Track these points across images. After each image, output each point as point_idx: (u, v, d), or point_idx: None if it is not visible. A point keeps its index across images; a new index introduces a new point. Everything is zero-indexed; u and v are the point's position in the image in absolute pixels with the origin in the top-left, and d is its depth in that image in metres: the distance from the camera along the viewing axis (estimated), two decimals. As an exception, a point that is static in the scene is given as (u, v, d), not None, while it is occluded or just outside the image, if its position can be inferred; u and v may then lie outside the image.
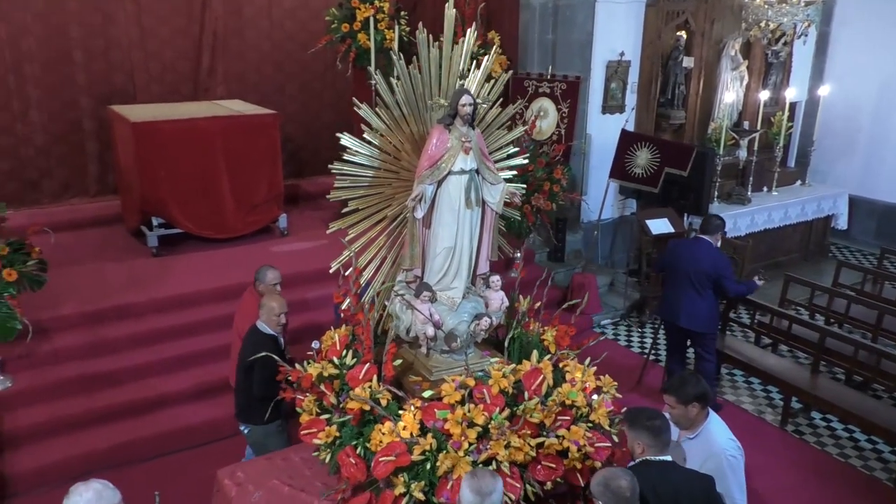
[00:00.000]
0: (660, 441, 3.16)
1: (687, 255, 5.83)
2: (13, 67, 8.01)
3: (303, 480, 3.90)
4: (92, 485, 2.81)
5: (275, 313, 4.50)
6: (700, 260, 5.70)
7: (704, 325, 5.78)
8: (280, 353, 4.40)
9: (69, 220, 7.93)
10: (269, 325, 4.51)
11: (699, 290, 5.70)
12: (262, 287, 4.94)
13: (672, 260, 5.97)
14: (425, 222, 4.17)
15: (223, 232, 7.60)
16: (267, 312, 4.53)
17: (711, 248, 5.73)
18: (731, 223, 8.60)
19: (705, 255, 5.71)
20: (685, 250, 5.94)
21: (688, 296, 5.74)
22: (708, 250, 5.72)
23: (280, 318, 4.51)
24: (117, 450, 5.20)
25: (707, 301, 5.74)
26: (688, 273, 5.72)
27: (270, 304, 4.53)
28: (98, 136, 8.59)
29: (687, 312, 5.76)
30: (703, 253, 5.72)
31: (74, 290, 6.20)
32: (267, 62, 9.68)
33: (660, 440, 3.16)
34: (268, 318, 4.51)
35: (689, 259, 5.77)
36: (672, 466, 3.17)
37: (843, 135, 10.36)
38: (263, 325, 4.53)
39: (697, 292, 5.70)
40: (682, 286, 5.78)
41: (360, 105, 4.24)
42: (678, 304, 5.81)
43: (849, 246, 10.60)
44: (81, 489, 2.79)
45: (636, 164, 7.78)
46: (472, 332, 4.20)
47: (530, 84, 8.22)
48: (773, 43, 9.27)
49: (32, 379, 5.43)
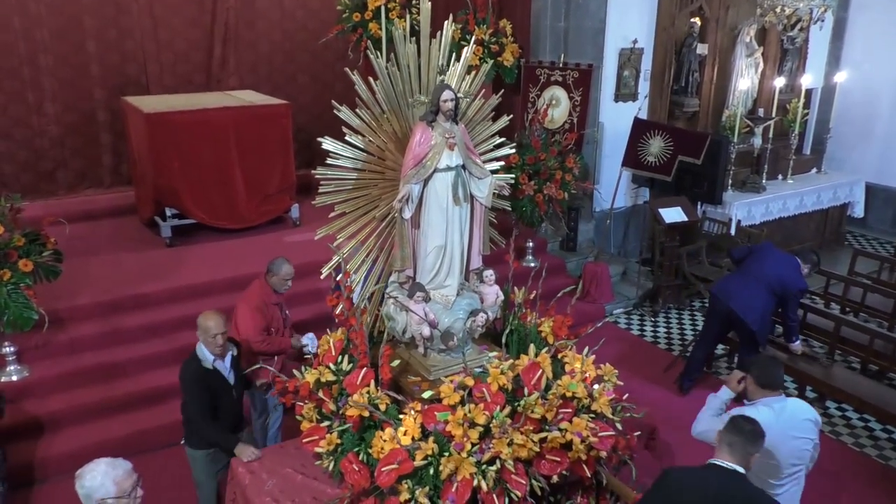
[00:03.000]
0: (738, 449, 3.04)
1: (772, 257, 5.80)
2: (28, 59, 8.07)
3: (316, 469, 3.92)
4: (100, 461, 2.85)
5: (210, 334, 3.98)
6: (784, 268, 5.66)
7: (755, 320, 5.65)
8: (222, 384, 4.10)
9: (84, 210, 8.01)
10: (207, 347, 4.04)
11: (766, 290, 5.62)
12: (275, 279, 4.84)
13: (758, 257, 5.91)
14: (414, 222, 4.12)
15: (236, 222, 7.64)
16: (202, 333, 4.02)
17: (800, 268, 5.69)
18: (745, 212, 8.55)
19: (793, 271, 5.66)
20: (775, 252, 5.93)
21: (752, 290, 5.67)
22: (796, 267, 5.69)
23: (217, 340, 3.99)
24: (133, 438, 5.26)
25: (766, 301, 5.65)
26: (764, 270, 5.67)
27: (206, 324, 4.00)
28: (112, 128, 8.65)
29: (744, 300, 5.67)
30: (792, 269, 5.68)
31: (89, 281, 6.27)
32: (279, 52, 9.70)
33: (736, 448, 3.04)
34: (204, 340, 4.03)
35: (774, 261, 5.74)
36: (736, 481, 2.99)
37: (860, 122, 10.23)
38: (202, 349, 4.06)
39: (765, 291, 5.62)
40: (748, 278, 5.74)
41: (339, 107, 4.15)
42: (739, 291, 5.73)
43: (865, 234, 10.50)
44: (91, 466, 2.83)
45: (649, 152, 7.73)
46: (469, 329, 4.16)
47: (542, 72, 8.17)
48: (789, 29, 9.14)
49: (49, 368, 5.50)
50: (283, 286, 4.83)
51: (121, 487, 2.82)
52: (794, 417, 3.58)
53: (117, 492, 2.81)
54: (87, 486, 2.79)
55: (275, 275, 4.85)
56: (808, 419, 3.61)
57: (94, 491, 2.78)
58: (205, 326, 4.00)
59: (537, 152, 7.23)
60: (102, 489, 2.79)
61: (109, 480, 2.80)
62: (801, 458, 3.61)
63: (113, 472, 2.82)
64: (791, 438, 3.54)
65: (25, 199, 5.93)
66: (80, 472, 2.83)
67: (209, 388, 4.06)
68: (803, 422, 3.59)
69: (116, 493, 2.81)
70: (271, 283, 4.84)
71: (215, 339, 3.99)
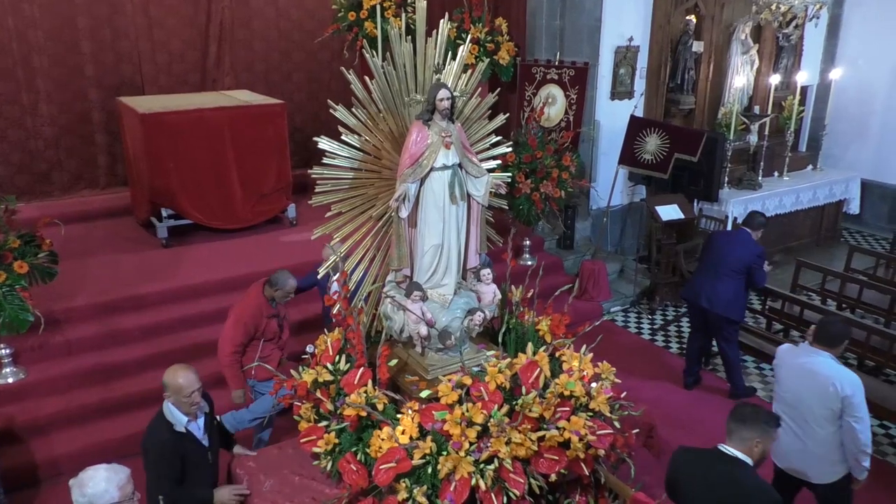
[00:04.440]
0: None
1: (724, 242, 6.02)
2: (21, 60, 8.03)
3: (313, 469, 3.92)
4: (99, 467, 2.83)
5: (184, 394, 3.41)
6: (738, 247, 5.84)
7: (724, 309, 5.83)
8: (196, 448, 3.56)
9: (79, 211, 7.98)
10: (180, 408, 3.46)
11: (729, 275, 5.79)
12: (277, 292, 4.78)
13: (710, 245, 6.12)
14: (411, 221, 4.12)
15: (232, 222, 7.63)
16: (174, 394, 3.42)
17: (750, 238, 5.87)
18: (741, 209, 8.55)
19: (744, 243, 5.84)
20: (724, 237, 6.26)
21: (711, 281, 5.87)
22: (747, 239, 5.86)
23: (193, 398, 3.44)
24: (131, 440, 5.19)
25: (733, 286, 5.82)
26: (722, 258, 5.86)
27: (177, 383, 3.38)
28: (107, 128, 8.62)
29: (707, 295, 5.87)
30: (742, 241, 5.86)
31: (86, 282, 6.25)
32: (274, 52, 9.67)
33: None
34: (177, 401, 3.45)
35: (727, 245, 5.94)
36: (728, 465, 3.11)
37: (856, 119, 10.25)
38: (173, 411, 3.47)
39: (727, 277, 5.79)
40: (710, 271, 5.92)
41: (335, 106, 4.14)
42: (701, 287, 5.93)
43: (861, 230, 10.52)
44: (91, 473, 2.81)
45: (645, 150, 7.73)
46: (467, 328, 4.16)
47: (538, 71, 8.16)
48: (784, 26, 9.16)
49: (45, 370, 5.48)
50: (283, 299, 4.81)
51: (124, 492, 2.81)
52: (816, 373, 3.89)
53: (121, 496, 2.80)
54: (90, 493, 2.77)
55: (278, 289, 4.80)
56: (832, 382, 3.84)
57: (98, 497, 2.77)
58: (175, 386, 3.40)
59: (534, 150, 7.23)
60: (107, 495, 2.77)
61: (113, 486, 2.79)
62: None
63: (115, 477, 2.81)
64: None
65: (21, 200, 5.91)
66: (79, 480, 2.80)
67: (182, 456, 3.48)
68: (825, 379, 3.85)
69: (120, 497, 2.79)
70: (271, 295, 4.81)
71: (191, 397, 3.43)
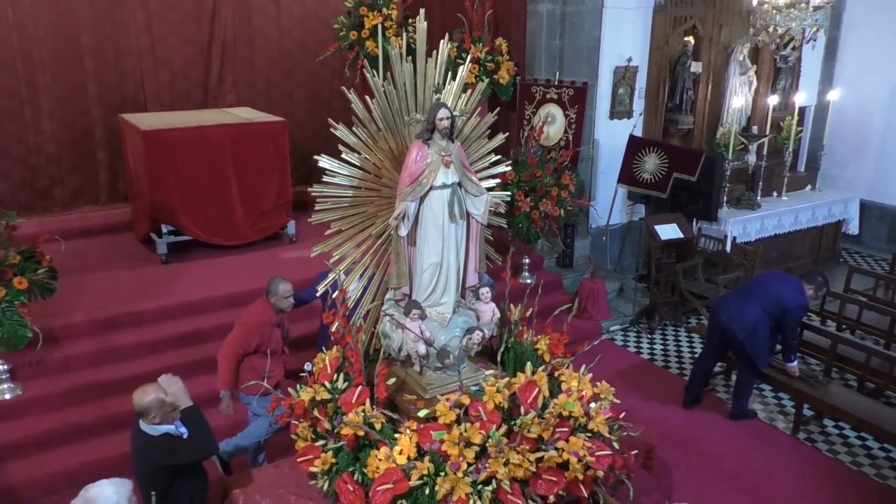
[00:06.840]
0: None
1: (773, 277, 5.85)
2: (25, 78, 8.09)
3: (310, 489, 3.89)
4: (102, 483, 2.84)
5: (164, 410, 3.50)
6: (785, 288, 5.63)
7: (740, 331, 5.62)
8: (181, 440, 3.59)
9: (80, 227, 8.00)
10: (164, 422, 3.53)
11: (760, 305, 5.59)
12: (275, 299, 4.84)
13: (759, 279, 5.95)
14: (410, 239, 4.13)
15: (232, 239, 7.63)
16: (155, 411, 3.48)
17: (803, 287, 5.64)
18: (740, 229, 8.57)
19: (793, 289, 5.63)
20: (775, 274, 5.97)
21: (741, 302, 5.69)
22: (799, 287, 5.64)
23: (175, 414, 3.55)
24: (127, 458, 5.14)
25: (758, 316, 5.59)
26: (762, 288, 5.68)
27: (143, 404, 3.39)
28: (109, 145, 8.66)
29: (730, 312, 5.69)
30: (793, 286, 5.65)
31: (85, 298, 6.24)
32: (276, 70, 9.74)
33: None
34: (152, 420, 3.51)
35: (775, 280, 5.76)
36: None
37: (854, 139, 10.29)
38: (148, 426, 3.55)
39: (758, 306, 5.59)
40: (743, 293, 5.79)
41: (335, 125, 4.17)
42: (728, 303, 5.78)
43: (860, 251, 10.52)
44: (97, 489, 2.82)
45: (644, 169, 7.76)
46: (465, 347, 4.15)
47: (538, 90, 8.22)
48: (782, 48, 9.22)
49: (43, 386, 5.46)
50: (285, 304, 4.84)
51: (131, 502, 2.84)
52: None
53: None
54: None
55: (274, 294, 4.85)
56: None
57: None
58: (145, 407, 3.47)
59: (533, 169, 7.26)
60: None
61: (124, 499, 2.82)
62: None
63: (124, 489, 2.84)
64: None
65: (21, 216, 5.92)
66: (88, 497, 2.81)
67: (167, 450, 3.53)
68: None
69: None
70: (273, 304, 4.85)
71: (174, 412, 3.55)
